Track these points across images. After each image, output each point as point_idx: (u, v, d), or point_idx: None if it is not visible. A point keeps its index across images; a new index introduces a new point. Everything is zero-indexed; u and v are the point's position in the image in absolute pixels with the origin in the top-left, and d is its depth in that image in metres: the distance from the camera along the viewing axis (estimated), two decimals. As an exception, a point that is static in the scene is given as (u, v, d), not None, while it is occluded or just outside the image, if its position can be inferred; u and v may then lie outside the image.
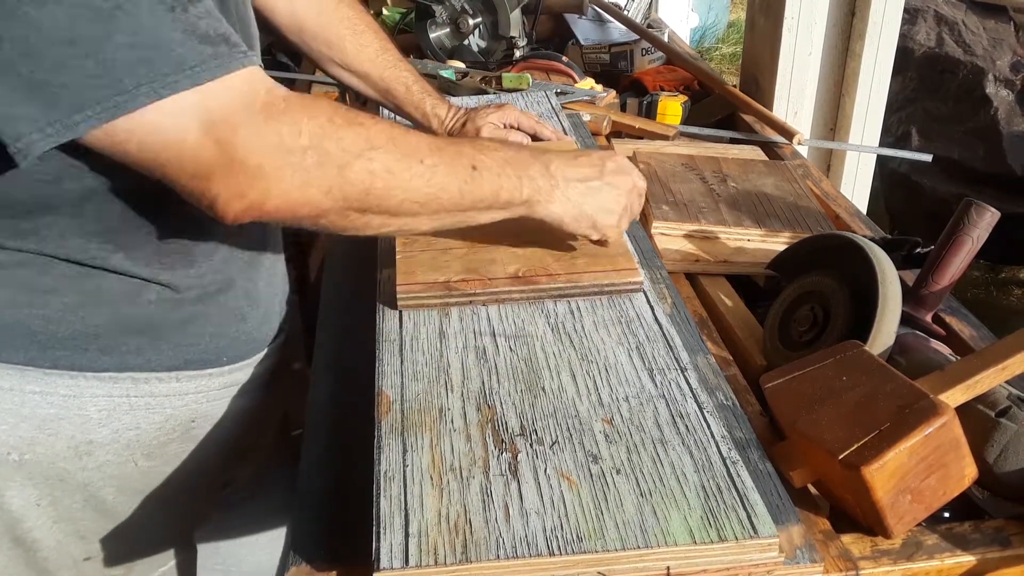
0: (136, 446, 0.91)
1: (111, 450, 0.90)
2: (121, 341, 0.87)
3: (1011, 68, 3.10)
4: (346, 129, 0.76)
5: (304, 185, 0.74)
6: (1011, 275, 3.25)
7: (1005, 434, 0.79)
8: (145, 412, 0.90)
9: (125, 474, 0.93)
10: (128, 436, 0.90)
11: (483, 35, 2.01)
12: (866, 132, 2.03)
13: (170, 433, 0.93)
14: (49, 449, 0.87)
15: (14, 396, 0.84)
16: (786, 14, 1.88)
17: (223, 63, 0.70)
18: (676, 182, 1.38)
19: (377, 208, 0.79)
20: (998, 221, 0.99)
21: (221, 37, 0.71)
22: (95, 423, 0.88)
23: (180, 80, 0.68)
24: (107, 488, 0.92)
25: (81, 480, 0.90)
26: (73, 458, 0.88)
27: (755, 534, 0.65)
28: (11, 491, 0.88)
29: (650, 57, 2.09)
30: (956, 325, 1.09)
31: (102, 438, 0.89)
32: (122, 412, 0.89)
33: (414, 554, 0.63)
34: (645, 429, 0.75)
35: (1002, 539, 0.79)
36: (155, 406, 0.91)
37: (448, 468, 0.71)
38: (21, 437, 0.85)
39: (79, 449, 0.88)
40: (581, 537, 0.64)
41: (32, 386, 0.84)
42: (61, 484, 0.90)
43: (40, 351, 0.83)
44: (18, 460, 0.86)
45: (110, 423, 0.89)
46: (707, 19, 5.11)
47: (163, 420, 0.92)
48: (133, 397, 0.89)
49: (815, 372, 0.84)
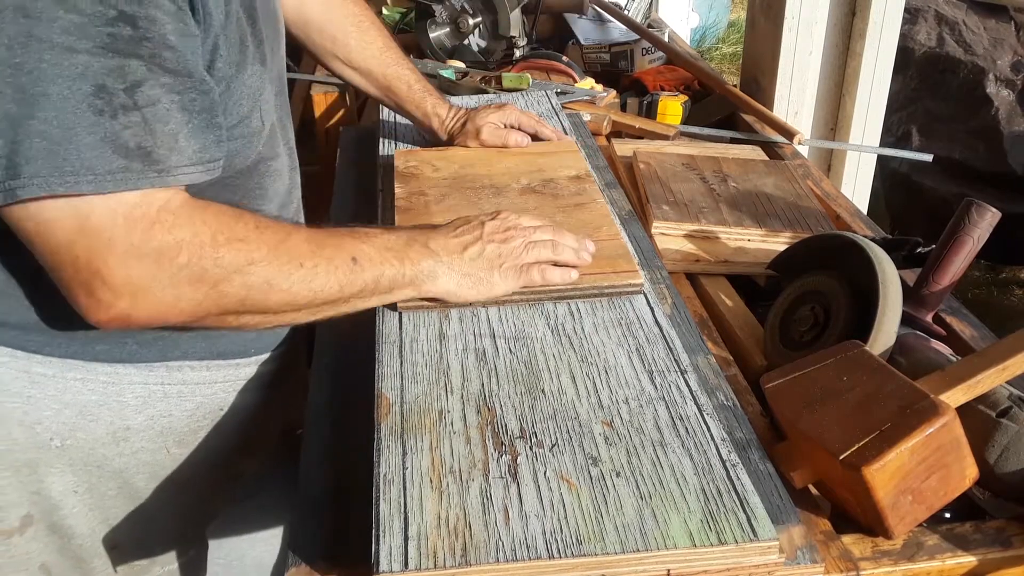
0: (169, 433, 0.96)
1: (146, 436, 0.95)
2: (158, 335, 0.91)
3: (1012, 68, 3.10)
4: (226, 248, 0.77)
5: (175, 300, 0.76)
6: (1012, 275, 3.24)
7: (1006, 434, 0.79)
8: (178, 400, 0.95)
9: (157, 461, 0.97)
10: (162, 423, 0.95)
11: (483, 35, 2.01)
12: (867, 132, 2.03)
13: (200, 420, 0.98)
14: (89, 435, 0.91)
15: (57, 383, 0.88)
16: (787, 14, 1.88)
17: (128, 179, 0.71)
18: (676, 182, 1.38)
19: (255, 311, 0.81)
20: (999, 221, 0.99)
21: (142, 152, 0.71)
22: (132, 409, 0.92)
23: (80, 183, 0.69)
24: (140, 475, 0.97)
25: (117, 466, 0.95)
26: (111, 444, 0.93)
27: (755, 537, 0.65)
28: (52, 477, 0.92)
29: (650, 57, 2.09)
30: (957, 325, 1.09)
31: (138, 424, 0.93)
32: (156, 399, 0.94)
33: (413, 557, 0.63)
34: (645, 431, 0.75)
35: (1003, 540, 0.79)
36: (187, 394, 0.96)
37: (448, 471, 0.71)
38: (63, 423, 0.89)
39: (117, 435, 0.93)
40: (581, 540, 0.64)
41: (74, 373, 0.89)
42: (98, 471, 0.94)
43: (81, 346, 0.88)
44: (60, 446, 0.90)
45: (145, 409, 0.93)
46: (707, 19, 5.11)
47: (194, 408, 0.97)
48: (167, 385, 0.94)
49: (816, 372, 0.84)
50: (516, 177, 1.13)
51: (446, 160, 1.18)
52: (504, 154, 1.20)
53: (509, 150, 1.22)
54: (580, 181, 1.11)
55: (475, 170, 1.15)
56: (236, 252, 0.77)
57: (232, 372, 0.99)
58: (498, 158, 1.19)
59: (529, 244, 0.93)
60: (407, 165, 1.17)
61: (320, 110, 2.50)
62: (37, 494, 0.92)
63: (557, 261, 0.93)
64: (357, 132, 1.65)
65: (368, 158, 1.44)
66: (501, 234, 0.93)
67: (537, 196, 1.08)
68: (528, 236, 0.94)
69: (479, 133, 1.26)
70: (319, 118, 2.51)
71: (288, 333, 1.05)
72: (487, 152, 1.22)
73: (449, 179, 1.13)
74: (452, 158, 1.19)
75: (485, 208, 1.05)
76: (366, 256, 0.86)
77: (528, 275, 0.92)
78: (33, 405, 0.88)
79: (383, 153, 1.32)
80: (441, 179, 1.13)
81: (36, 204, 0.70)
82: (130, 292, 0.74)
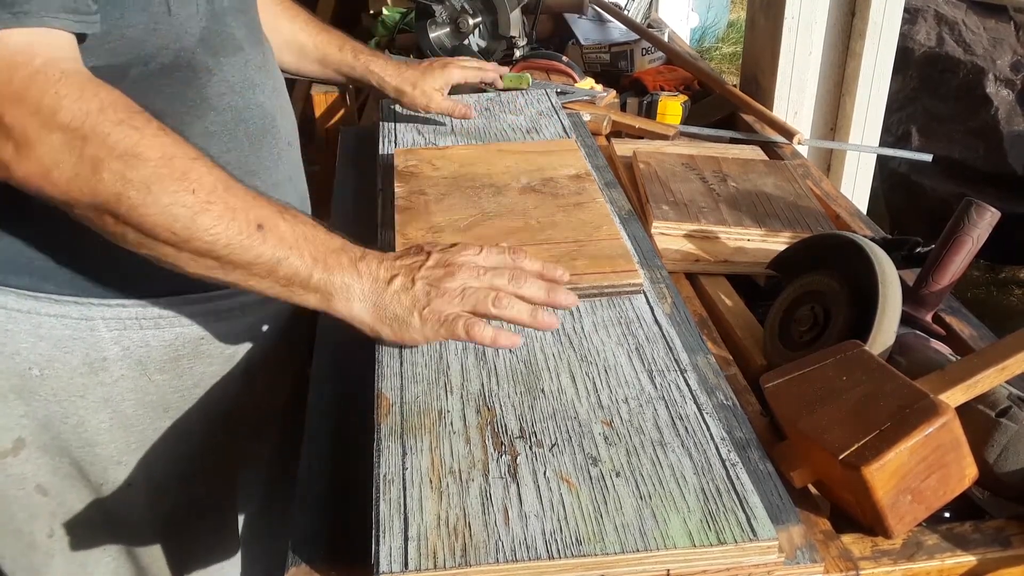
0: (148, 361, 0.96)
1: (124, 365, 0.95)
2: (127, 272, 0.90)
3: (1011, 68, 3.10)
4: (115, 127, 0.73)
5: (53, 163, 0.72)
6: (1011, 275, 3.24)
7: (1005, 434, 0.79)
8: (155, 331, 0.95)
9: (140, 387, 0.97)
10: (139, 352, 0.95)
11: (483, 35, 2.01)
12: (866, 132, 2.03)
13: (180, 349, 0.98)
14: (66, 365, 0.93)
15: (31, 318, 0.90)
16: (786, 13, 1.88)
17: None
18: (676, 182, 1.38)
19: (130, 222, 0.75)
20: (998, 221, 0.99)
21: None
22: (107, 341, 0.93)
23: None
24: (127, 402, 0.97)
25: (101, 395, 0.96)
26: (89, 373, 0.94)
27: (754, 537, 0.65)
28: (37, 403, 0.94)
29: (650, 57, 2.09)
30: (956, 325, 1.09)
31: (114, 355, 0.94)
32: (132, 331, 0.94)
33: (413, 558, 0.63)
34: (645, 431, 0.75)
35: (1003, 539, 0.79)
36: (164, 325, 0.95)
37: (447, 471, 0.71)
38: (40, 354, 0.92)
39: (93, 365, 0.94)
40: (580, 540, 0.64)
41: (47, 309, 0.90)
42: (82, 401, 0.95)
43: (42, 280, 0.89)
44: (39, 375, 0.92)
45: (121, 341, 0.94)
46: (707, 19, 5.11)
47: (172, 338, 0.97)
48: (143, 319, 0.94)
49: (815, 372, 0.84)
50: (516, 176, 1.13)
51: (446, 159, 1.18)
52: (504, 153, 1.21)
53: (509, 149, 1.22)
54: (580, 180, 1.11)
55: (475, 169, 1.15)
56: (124, 136, 0.73)
57: (211, 305, 0.97)
58: (498, 157, 1.19)
59: (468, 290, 0.81)
60: (407, 164, 1.17)
61: (320, 110, 2.51)
62: (25, 417, 0.94)
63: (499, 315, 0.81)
64: (357, 132, 1.65)
65: (368, 158, 1.44)
66: (441, 269, 0.82)
67: (537, 195, 1.08)
68: (472, 279, 0.82)
69: (429, 103, 1.33)
70: (319, 118, 2.52)
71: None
72: (487, 151, 1.22)
73: (449, 178, 1.13)
74: (452, 157, 1.19)
75: (485, 207, 1.05)
76: (277, 232, 0.78)
77: (451, 327, 0.80)
78: (10, 337, 0.91)
79: (383, 153, 1.32)
80: (441, 178, 1.13)
81: None
82: (13, 139, 0.71)
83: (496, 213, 1.04)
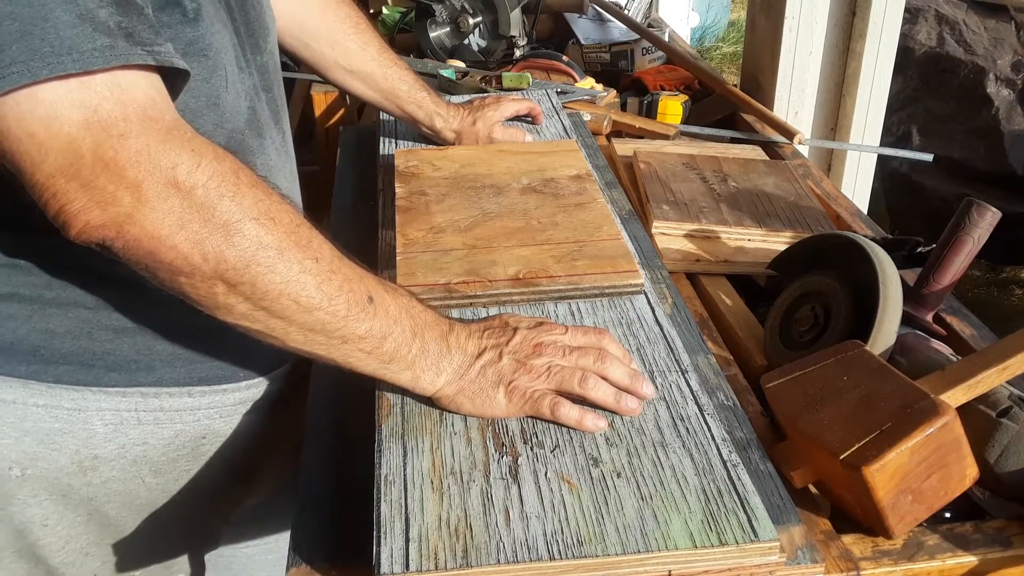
0: (143, 462, 0.88)
1: (116, 466, 0.87)
2: (131, 358, 0.83)
3: (1012, 67, 3.10)
4: (250, 188, 0.68)
5: (179, 226, 0.65)
6: (1012, 275, 3.24)
7: (1006, 434, 0.79)
8: (154, 427, 0.87)
9: (130, 491, 0.89)
10: (135, 452, 0.87)
11: (483, 34, 2.01)
12: (867, 132, 2.03)
13: (179, 449, 0.90)
14: (52, 464, 0.84)
15: (17, 409, 0.81)
16: (787, 13, 1.88)
17: (121, 55, 0.62)
18: (676, 182, 1.38)
19: (250, 292, 0.69)
20: (999, 221, 0.99)
21: (122, 30, 0.63)
22: (101, 438, 0.84)
23: (64, 62, 0.60)
24: (111, 504, 0.89)
25: (85, 495, 0.87)
26: (77, 474, 0.85)
27: (756, 537, 0.65)
28: (14, 507, 0.85)
29: (650, 56, 2.09)
30: (957, 325, 1.09)
31: (107, 453, 0.85)
32: (129, 427, 0.85)
33: (414, 559, 0.63)
34: (646, 432, 0.75)
35: (1003, 540, 0.79)
36: (164, 420, 0.87)
37: (448, 472, 0.71)
38: (24, 452, 0.82)
39: (83, 464, 0.85)
40: (582, 541, 0.64)
41: (36, 399, 0.81)
42: (64, 500, 0.87)
43: (42, 366, 0.80)
44: (20, 475, 0.83)
45: (116, 438, 0.85)
46: (707, 18, 5.11)
47: (172, 436, 0.89)
48: (142, 412, 0.86)
49: (816, 372, 0.84)
50: (517, 176, 1.13)
51: (446, 159, 1.18)
52: (504, 154, 1.20)
53: (509, 150, 1.22)
54: (581, 180, 1.11)
55: (476, 169, 1.15)
56: (257, 198, 0.68)
57: (218, 399, 0.90)
58: (499, 157, 1.19)
59: (554, 367, 0.78)
60: (407, 165, 1.17)
61: (320, 110, 2.51)
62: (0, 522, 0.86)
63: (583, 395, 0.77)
64: (357, 132, 1.65)
65: (368, 158, 1.44)
66: (529, 346, 0.79)
67: (538, 196, 1.08)
68: (559, 358, 0.79)
69: (491, 134, 1.29)
70: (319, 118, 2.52)
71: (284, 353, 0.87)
72: (487, 151, 1.22)
73: (450, 178, 1.13)
74: (452, 157, 1.19)
75: (486, 207, 1.05)
76: (384, 304, 0.75)
77: (537, 405, 0.76)
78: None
79: (383, 153, 1.32)
80: (441, 178, 1.13)
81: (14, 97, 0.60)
82: (136, 193, 0.63)
83: (497, 213, 1.04)
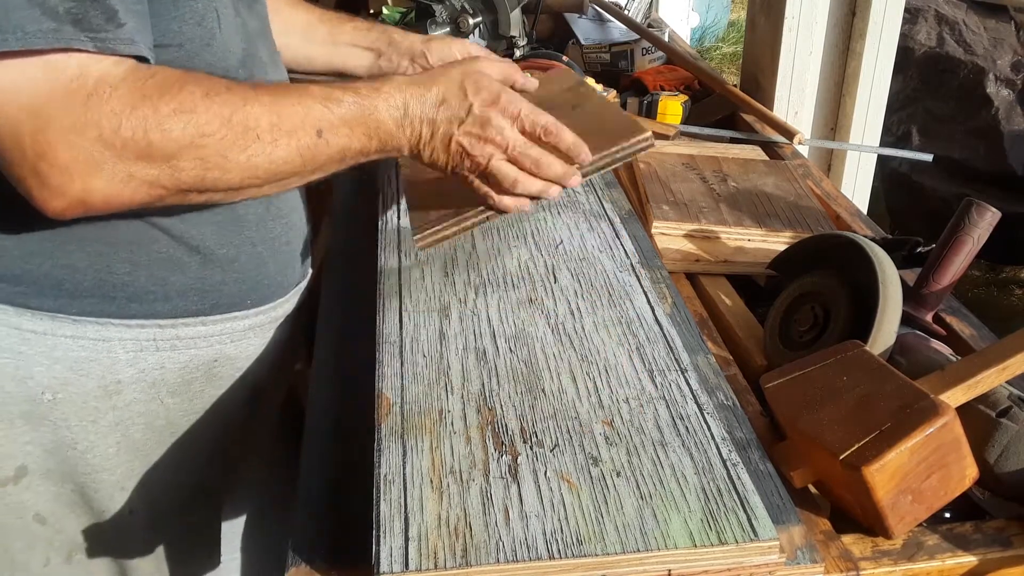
0: (161, 384, 0.96)
1: (137, 388, 0.94)
2: (148, 289, 0.90)
3: (1012, 68, 3.10)
4: (173, 119, 0.73)
5: (128, 177, 0.73)
6: (1012, 275, 3.25)
7: (1006, 434, 0.79)
8: (170, 352, 0.95)
9: (151, 411, 0.97)
10: (154, 375, 0.95)
11: (483, 34, 2.01)
12: (867, 132, 2.03)
13: (194, 372, 0.98)
14: (80, 388, 0.91)
15: (47, 340, 0.88)
16: (787, 13, 1.88)
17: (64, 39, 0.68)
18: (676, 182, 1.38)
19: (216, 188, 0.79)
20: (999, 221, 0.99)
21: (70, 15, 0.68)
22: (123, 363, 0.92)
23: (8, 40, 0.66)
24: (136, 426, 0.96)
25: (112, 419, 0.94)
26: (103, 397, 0.93)
27: (755, 537, 0.65)
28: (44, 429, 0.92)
29: (650, 56, 2.09)
30: (957, 325, 1.09)
31: (129, 377, 0.93)
32: (148, 353, 0.93)
33: (414, 558, 0.63)
34: (645, 431, 0.75)
35: (1003, 540, 0.79)
36: (180, 347, 0.95)
37: (448, 471, 0.71)
38: (55, 377, 0.90)
39: (108, 388, 0.92)
40: (581, 540, 0.64)
41: (64, 330, 0.88)
42: (94, 426, 0.93)
43: (68, 300, 0.87)
44: (51, 399, 0.90)
45: (137, 363, 0.93)
46: (707, 18, 5.11)
47: (187, 360, 0.96)
48: (160, 340, 0.93)
49: (815, 372, 0.84)
50: None
51: None
52: None
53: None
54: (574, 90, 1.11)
55: None
56: (184, 124, 0.74)
57: (229, 325, 0.98)
58: None
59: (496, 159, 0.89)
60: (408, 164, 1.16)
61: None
62: (31, 444, 0.93)
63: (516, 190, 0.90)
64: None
65: (368, 158, 1.44)
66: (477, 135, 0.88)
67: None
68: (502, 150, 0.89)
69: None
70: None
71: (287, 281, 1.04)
72: None
73: None
74: None
75: None
76: (333, 129, 0.83)
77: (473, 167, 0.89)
78: (24, 360, 0.88)
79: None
80: None
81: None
82: (80, 173, 0.71)
83: None
